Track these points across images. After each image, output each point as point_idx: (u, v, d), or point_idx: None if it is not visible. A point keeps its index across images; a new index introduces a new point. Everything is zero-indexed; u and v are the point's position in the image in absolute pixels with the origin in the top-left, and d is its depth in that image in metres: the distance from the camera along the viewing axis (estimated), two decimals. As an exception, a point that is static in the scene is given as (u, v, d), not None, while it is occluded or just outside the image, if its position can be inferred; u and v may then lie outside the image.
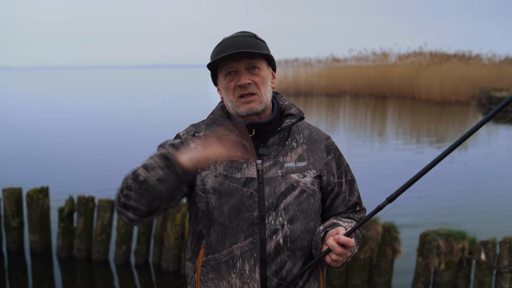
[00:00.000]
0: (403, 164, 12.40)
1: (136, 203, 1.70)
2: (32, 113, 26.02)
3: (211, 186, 1.88)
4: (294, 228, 1.87)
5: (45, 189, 6.42)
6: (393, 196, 1.70)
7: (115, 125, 20.48)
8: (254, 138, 1.93)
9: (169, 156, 1.67)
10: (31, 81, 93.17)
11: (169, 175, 1.66)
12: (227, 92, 1.92)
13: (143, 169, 1.68)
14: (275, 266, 1.85)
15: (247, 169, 1.88)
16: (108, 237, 6.20)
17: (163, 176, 1.66)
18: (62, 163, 12.27)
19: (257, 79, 1.88)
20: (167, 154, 1.68)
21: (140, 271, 6.00)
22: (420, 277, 5.26)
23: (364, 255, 5.26)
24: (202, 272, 1.92)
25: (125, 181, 1.73)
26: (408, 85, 32.73)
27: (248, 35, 1.91)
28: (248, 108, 1.88)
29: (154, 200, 1.71)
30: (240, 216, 1.85)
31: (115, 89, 55.55)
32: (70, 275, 5.98)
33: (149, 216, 1.78)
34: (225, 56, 1.82)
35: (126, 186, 1.71)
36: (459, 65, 31.78)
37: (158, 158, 1.69)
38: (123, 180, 1.75)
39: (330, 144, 2.04)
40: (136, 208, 1.72)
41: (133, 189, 1.69)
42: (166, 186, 1.67)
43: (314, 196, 1.94)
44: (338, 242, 1.74)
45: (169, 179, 1.67)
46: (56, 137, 16.93)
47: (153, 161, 1.69)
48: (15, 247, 6.45)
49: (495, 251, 5.06)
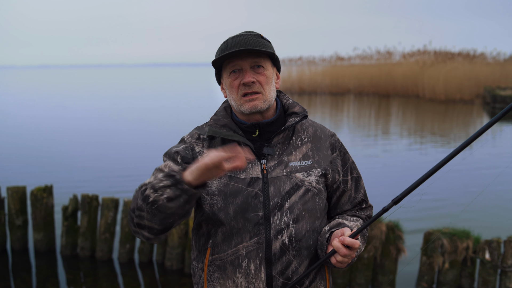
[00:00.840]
0: (407, 163, 12.37)
1: (150, 223, 1.72)
2: (36, 111, 26.08)
3: (216, 187, 1.87)
4: (300, 228, 1.86)
5: (49, 188, 6.43)
6: (398, 198, 1.69)
7: (119, 124, 20.50)
8: (258, 137, 1.93)
9: (173, 173, 1.68)
10: (35, 79, 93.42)
11: (176, 192, 1.66)
12: (231, 90, 1.91)
13: (151, 190, 1.69)
14: (280, 265, 1.84)
15: (252, 169, 1.88)
16: (112, 235, 6.21)
17: (172, 195, 1.66)
18: (66, 162, 12.30)
19: (261, 78, 1.88)
20: (171, 172, 1.68)
21: (144, 270, 6.00)
22: (424, 276, 5.25)
23: (368, 254, 5.25)
24: (209, 271, 1.92)
25: (135, 202, 1.75)
26: (412, 84, 32.68)
27: (253, 34, 1.90)
28: (252, 106, 1.87)
29: (167, 218, 1.72)
30: (245, 216, 1.84)
31: (119, 88, 55.63)
32: (74, 273, 5.99)
33: (165, 233, 1.80)
34: (230, 53, 1.82)
35: (137, 207, 1.73)
36: (463, 63, 31.68)
37: (163, 177, 1.69)
38: (133, 200, 1.77)
39: (335, 142, 2.03)
40: (150, 227, 1.74)
41: (145, 209, 1.71)
42: (176, 204, 1.68)
43: (319, 195, 1.93)
44: (343, 243, 1.73)
45: (178, 197, 1.67)
46: (60, 136, 16.96)
47: (159, 181, 1.69)
48: (19, 245, 6.47)
49: (500, 250, 5.04)
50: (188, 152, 1.93)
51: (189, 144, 1.95)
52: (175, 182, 1.66)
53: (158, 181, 1.69)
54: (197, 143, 1.95)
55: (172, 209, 1.69)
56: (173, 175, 1.67)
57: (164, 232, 1.79)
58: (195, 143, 1.95)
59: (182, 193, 1.66)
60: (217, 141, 1.94)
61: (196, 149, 1.93)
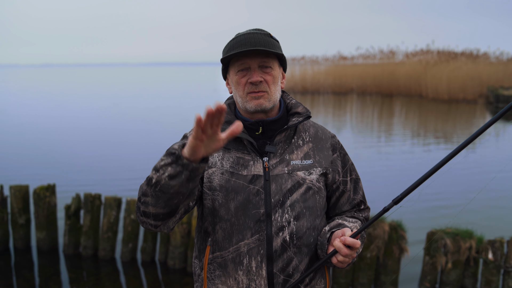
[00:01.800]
0: (410, 162, 12.35)
1: (155, 208, 1.69)
2: (39, 110, 26.13)
3: (218, 183, 1.88)
4: (300, 225, 1.88)
5: (52, 187, 6.44)
6: (399, 198, 1.71)
7: (122, 123, 20.52)
8: (261, 135, 1.94)
9: (173, 151, 1.62)
10: (38, 78, 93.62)
11: (177, 168, 1.59)
12: (237, 88, 1.92)
13: (153, 171, 1.66)
14: (281, 262, 1.86)
15: (254, 166, 1.89)
16: (115, 234, 6.21)
17: (173, 172, 1.60)
18: (69, 161, 12.32)
19: (268, 77, 1.89)
20: (171, 150, 1.63)
21: (147, 269, 6.01)
22: (427, 276, 5.24)
23: (370, 253, 5.25)
24: (209, 269, 1.92)
25: (140, 189, 1.72)
26: (415, 83, 32.66)
27: (263, 33, 1.92)
28: (257, 103, 1.88)
29: (171, 199, 1.67)
30: (247, 213, 1.85)
31: (122, 87, 55.70)
32: (76, 272, 5.99)
33: (171, 218, 1.76)
34: (240, 52, 1.83)
35: (142, 193, 1.70)
36: (466, 63, 31.65)
37: (164, 156, 1.65)
38: (139, 190, 1.74)
39: (335, 143, 2.05)
40: (155, 213, 1.71)
41: (149, 194, 1.67)
42: (178, 181, 1.61)
43: (320, 194, 1.95)
44: (345, 243, 1.75)
45: (179, 173, 1.59)
46: (63, 135, 16.99)
47: (160, 160, 1.65)
48: (22, 244, 6.48)
49: (503, 250, 5.03)
50: None
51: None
52: (175, 159, 1.59)
53: (159, 160, 1.65)
54: None
55: (174, 187, 1.62)
56: (173, 152, 1.61)
57: (170, 216, 1.74)
58: None
59: (183, 169, 1.58)
60: None
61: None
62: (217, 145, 1.53)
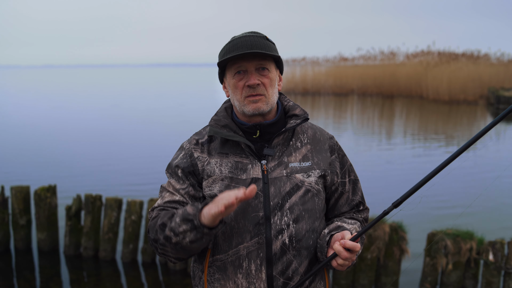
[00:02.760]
0: (410, 164, 12.35)
1: (175, 255, 1.85)
2: (40, 111, 26.14)
3: (218, 189, 1.89)
4: (300, 228, 1.87)
5: (53, 188, 6.45)
6: (399, 201, 1.70)
7: (123, 124, 20.53)
8: (259, 138, 1.94)
9: (190, 218, 1.73)
10: (40, 79, 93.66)
11: (198, 235, 1.74)
12: (234, 91, 1.92)
13: (171, 233, 1.77)
14: (281, 265, 1.85)
15: (252, 169, 1.89)
16: (115, 235, 6.22)
17: (193, 238, 1.75)
18: (70, 162, 12.32)
19: (265, 80, 1.89)
20: (188, 217, 1.74)
21: (147, 270, 6.01)
22: (428, 277, 5.24)
23: (371, 255, 5.25)
24: (209, 272, 1.92)
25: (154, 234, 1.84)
26: (416, 84, 32.64)
27: (259, 36, 1.91)
28: (255, 107, 1.88)
29: (192, 251, 1.84)
30: (246, 216, 1.85)
31: (123, 88, 55.71)
32: (77, 273, 6.00)
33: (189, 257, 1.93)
34: (237, 55, 1.83)
35: (160, 242, 1.82)
36: (467, 64, 31.62)
37: (181, 221, 1.75)
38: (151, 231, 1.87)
39: (333, 144, 2.04)
40: (176, 257, 1.88)
41: (168, 247, 1.81)
42: (199, 244, 1.78)
43: (319, 196, 1.95)
44: (344, 247, 1.74)
45: (199, 239, 1.75)
46: (64, 136, 17.00)
47: (178, 225, 1.75)
48: (22, 245, 6.48)
49: (503, 251, 5.03)
50: (187, 160, 1.96)
51: (188, 150, 1.97)
52: (194, 227, 1.73)
53: (176, 225, 1.76)
54: (195, 148, 1.96)
55: (194, 248, 1.80)
56: (191, 219, 1.73)
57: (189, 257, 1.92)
58: (193, 149, 1.97)
59: (203, 236, 1.74)
60: (217, 142, 1.96)
61: (195, 155, 1.95)
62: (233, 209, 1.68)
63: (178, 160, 1.98)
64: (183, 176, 1.94)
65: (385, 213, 1.72)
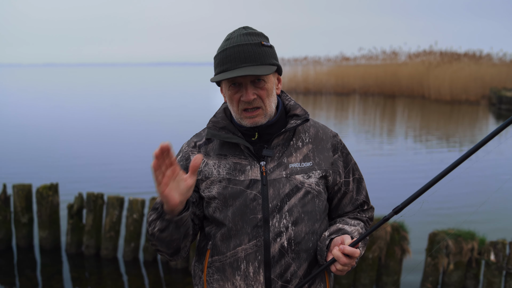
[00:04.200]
0: (412, 164, 12.34)
1: (161, 249, 1.85)
2: (42, 110, 26.17)
3: (216, 191, 1.87)
4: (299, 230, 1.84)
5: (55, 186, 6.46)
6: (399, 207, 1.68)
7: (125, 123, 20.54)
8: (258, 139, 1.90)
9: (156, 205, 1.75)
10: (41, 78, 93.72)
11: (163, 223, 1.74)
12: (231, 102, 1.87)
13: (147, 224, 1.82)
14: (279, 268, 1.83)
15: (251, 171, 1.86)
16: (117, 234, 6.23)
17: (161, 226, 1.75)
18: (72, 160, 12.34)
19: (262, 92, 1.83)
20: (156, 205, 1.75)
21: (149, 268, 6.02)
22: (429, 277, 5.23)
23: (372, 254, 5.25)
24: (208, 273, 1.91)
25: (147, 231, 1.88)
26: (418, 84, 32.62)
27: (253, 43, 1.82)
28: (252, 122, 1.85)
29: (170, 244, 1.82)
30: (244, 218, 1.83)
31: (124, 87, 55.72)
32: (78, 271, 6.01)
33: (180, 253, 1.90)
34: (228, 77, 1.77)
35: (149, 238, 1.87)
36: (469, 64, 31.60)
37: (151, 211, 1.79)
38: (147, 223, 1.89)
39: (337, 143, 1.99)
40: (163, 252, 1.87)
41: (151, 240, 1.84)
42: (167, 232, 1.76)
43: (319, 197, 1.91)
44: (343, 252, 1.70)
45: (166, 227, 1.74)
46: (66, 135, 17.02)
47: (149, 215, 1.81)
48: (24, 243, 6.49)
49: (505, 251, 5.02)
50: (183, 163, 1.96)
51: (185, 153, 1.97)
52: (159, 215, 1.73)
53: (149, 215, 1.81)
54: (192, 151, 1.95)
55: (166, 237, 1.78)
56: (157, 207, 1.75)
57: (178, 253, 1.88)
58: (191, 152, 1.96)
59: (168, 223, 1.73)
60: (215, 143, 1.94)
61: (191, 158, 1.93)
62: (187, 184, 1.64)
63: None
64: None
65: (386, 219, 1.69)
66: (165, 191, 1.60)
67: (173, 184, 1.62)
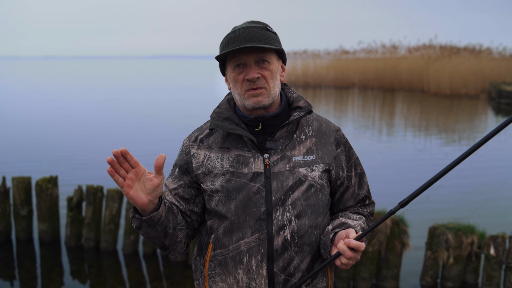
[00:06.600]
0: (411, 158, 12.34)
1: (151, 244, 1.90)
2: (42, 103, 26.14)
3: (219, 184, 1.86)
4: (302, 224, 1.83)
5: (54, 178, 6.45)
6: (405, 201, 1.68)
7: (124, 116, 20.52)
8: (261, 131, 1.89)
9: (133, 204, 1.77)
10: (40, 71, 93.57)
11: (137, 221, 1.80)
12: (235, 85, 1.87)
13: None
14: (282, 262, 1.82)
15: (254, 163, 1.85)
16: (117, 226, 6.22)
17: (136, 224, 1.82)
18: (71, 153, 12.33)
19: (266, 73, 1.83)
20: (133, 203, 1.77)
21: (148, 261, 6.02)
22: (429, 270, 5.24)
23: (372, 248, 5.25)
24: (210, 267, 1.90)
25: None
26: (418, 78, 32.61)
27: (259, 26, 1.85)
28: (255, 101, 1.83)
29: (152, 240, 1.88)
30: (247, 211, 1.82)
31: (123, 80, 55.64)
32: (78, 264, 6.01)
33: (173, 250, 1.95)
34: (234, 50, 1.78)
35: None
36: (469, 58, 31.58)
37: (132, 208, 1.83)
38: None
39: (340, 137, 1.98)
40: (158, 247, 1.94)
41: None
42: (143, 230, 1.83)
43: (322, 191, 1.90)
44: (349, 246, 1.69)
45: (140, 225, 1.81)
46: (66, 127, 17.00)
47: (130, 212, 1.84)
48: (24, 235, 6.49)
49: (505, 245, 5.03)
50: (183, 157, 1.96)
51: (186, 148, 1.97)
52: (133, 214, 1.80)
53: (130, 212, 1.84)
54: (192, 146, 1.94)
55: (144, 234, 1.85)
56: (133, 206, 1.79)
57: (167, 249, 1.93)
58: (191, 146, 1.95)
59: (141, 222, 1.79)
60: (218, 135, 1.93)
61: (191, 152, 1.93)
62: (153, 183, 1.72)
63: (177, 157, 1.99)
64: (178, 175, 1.96)
65: (392, 212, 1.69)
66: (129, 193, 1.70)
67: (138, 185, 1.72)
